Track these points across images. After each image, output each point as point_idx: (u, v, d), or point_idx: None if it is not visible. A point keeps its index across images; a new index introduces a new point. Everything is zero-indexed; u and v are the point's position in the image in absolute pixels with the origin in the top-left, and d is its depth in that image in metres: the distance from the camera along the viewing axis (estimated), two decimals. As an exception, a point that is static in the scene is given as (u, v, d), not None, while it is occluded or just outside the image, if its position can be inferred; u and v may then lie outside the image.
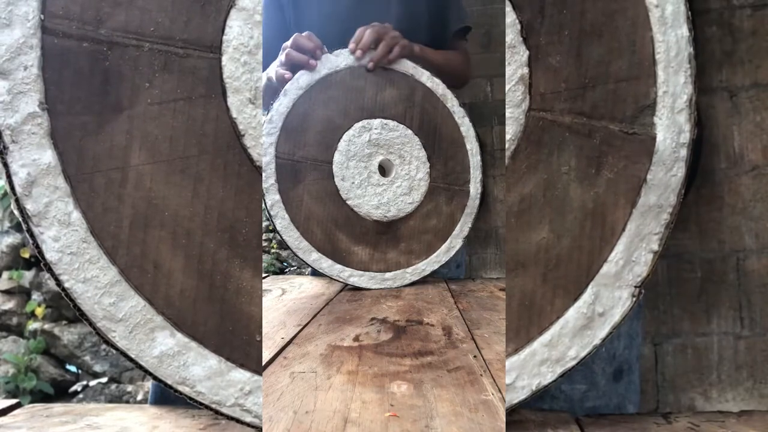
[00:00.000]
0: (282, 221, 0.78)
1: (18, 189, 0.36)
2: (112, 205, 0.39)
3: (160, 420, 0.44)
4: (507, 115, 0.39)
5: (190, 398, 0.40)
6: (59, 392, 2.10)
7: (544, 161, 0.39)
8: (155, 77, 0.39)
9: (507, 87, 0.39)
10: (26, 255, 2.13)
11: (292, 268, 3.91)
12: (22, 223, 0.38)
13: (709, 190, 1.45)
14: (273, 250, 3.93)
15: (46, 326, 2.10)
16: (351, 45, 0.80)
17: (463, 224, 0.89)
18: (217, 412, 0.40)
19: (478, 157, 0.91)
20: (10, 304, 2.11)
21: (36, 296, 2.13)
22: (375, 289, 0.82)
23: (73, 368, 2.17)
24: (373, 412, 0.36)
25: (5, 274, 2.11)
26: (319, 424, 0.34)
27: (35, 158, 0.37)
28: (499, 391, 0.39)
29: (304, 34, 0.79)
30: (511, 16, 0.38)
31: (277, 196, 0.78)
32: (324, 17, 0.83)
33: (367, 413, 0.35)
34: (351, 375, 0.43)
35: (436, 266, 0.87)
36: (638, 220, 0.40)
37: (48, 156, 0.37)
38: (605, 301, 0.40)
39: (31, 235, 0.37)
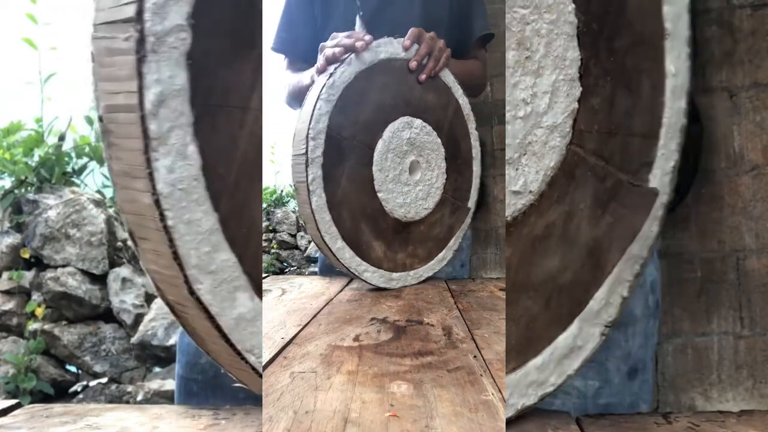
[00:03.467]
0: (318, 200, 0.72)
1: (147, 105, 0.33)
2: (226, 146, 0.36)
3: (160, 420, 0.44)
4: (555, 143, 0.40)
5: (254, 368, 0.38)
6: (59, 392, 2.10)
7: (570, 194, 0.41)
8: None
9: (561, 118, 0.40)
10: (26, 255, 2.13)
11: (292, 268, 3.91)
12: (141, 142, 0.33)
13: (709, 190, 1.45)
14: (273, 250, 3.93)
15: (46, 326, 2.09)
16: (406, 42, 0.80)
17: (457, 238, 0.91)
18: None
19: (478, 180, 0.93)
20: (10, 305, 2.11)
21: (36, 296, 2.13)
22: (382, 287, 0.82)
23: (73, 368, 2.17)
24: (373, 412, 0.36)
25: (5, 274, 2.11)
26: (319, 424, 0.34)
27: (170, 75, 0.33)
28: (499, 391, 0.39)
29: (344, 34, 0.78)
30: (575, 52, 0.39)
31: (320, 171, 0.72)
32: (351, 16, 0.84)
33: (367, 413, 0.35)
34: (351, 375, 0.43)
35: (430, 273, 0.88)
36: (621, 266, 0.42)
37: (182, 77, 0.34)
38: (584, 336, 0.42)
39: (147, 160, 0.33)
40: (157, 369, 2.10)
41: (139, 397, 1.92)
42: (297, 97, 1.00)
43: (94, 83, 0.36)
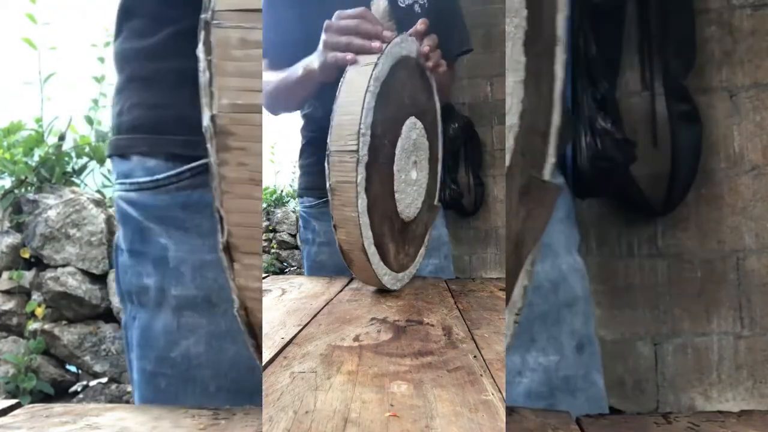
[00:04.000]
0: (362, 202, 0.67)
1: None
2: None
3: (160, 420, 0.44)
4: (510, 144, 0.42)
5: None
6: (59, 392, 2.10)
7: (512, 191, 0.43)
8: None
9: (515, 118, 0.41)
10: (26, 255, 2.13)
11: (292, 268, 3.91)
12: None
13: (709, 190, 1.45)
14: (273, 250, 3.93)
15: (46, 326, 2.10)
16: (422, 24, 0.78)
17: (428, 235, 0.92)
18: None
19: (439, 183, 0.95)
20: (10, 304, 2.11)
21: (36, 296, 2.13)
22: (391, 290, 0.81)
23: (73, 368, 2.17)
24: (373, 412, 0.36)
25: (5, 274, 2.11)
26: (319, 424, 0.34)
27: None
28: (499, 391, 0.39)
29: (358, 11, 0.75)
30: (523, 55, 0.40)
31: (364, 171, 0.66)
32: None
33: (367, 413, 0.35)
34: (351, 375, 0.43)
35: (414, 270, 0.89)
36: (529, 257, 0.44)
37: None
38: (508, 325, 0.44)
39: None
40: (157, 369, 2.10)
41: (139, 397, 1.92)
42: (283, 94, 0.96)
43: (209, 76, 0.33)
